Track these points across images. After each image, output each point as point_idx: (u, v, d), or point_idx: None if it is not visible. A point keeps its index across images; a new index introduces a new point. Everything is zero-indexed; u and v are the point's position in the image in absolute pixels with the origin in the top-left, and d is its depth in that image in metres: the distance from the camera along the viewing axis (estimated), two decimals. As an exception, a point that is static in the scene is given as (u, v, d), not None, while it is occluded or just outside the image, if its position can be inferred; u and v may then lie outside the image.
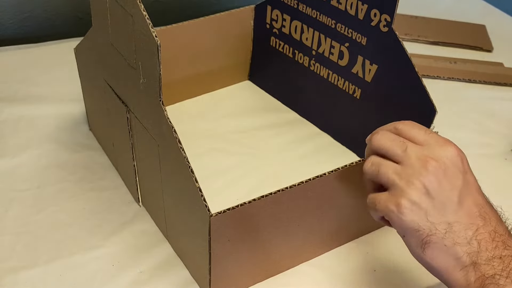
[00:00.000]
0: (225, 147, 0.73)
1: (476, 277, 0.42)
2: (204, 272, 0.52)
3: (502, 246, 0.42)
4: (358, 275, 0.59)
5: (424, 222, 0.43)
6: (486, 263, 0.42)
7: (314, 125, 0.78)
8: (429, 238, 0.42)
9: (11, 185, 0.66)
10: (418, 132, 0.46)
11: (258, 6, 0.78)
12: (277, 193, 0.49)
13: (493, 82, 0.91)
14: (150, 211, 0.63)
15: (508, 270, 0.41)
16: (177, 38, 0.73)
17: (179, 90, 0.79)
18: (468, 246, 0.42)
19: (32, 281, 0.56)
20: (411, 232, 0.43)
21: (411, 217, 0.43)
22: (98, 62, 0.61)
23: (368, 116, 0.69)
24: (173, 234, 0.59)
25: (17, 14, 0.93)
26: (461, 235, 0.42)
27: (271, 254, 0.56)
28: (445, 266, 0.43)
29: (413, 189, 0.43)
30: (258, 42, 0.82)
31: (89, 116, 0.74)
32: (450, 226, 0.42)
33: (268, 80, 0.84)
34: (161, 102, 0.48)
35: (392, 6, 0.60)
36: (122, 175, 0.68)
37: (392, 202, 0.44)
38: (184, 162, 0.47)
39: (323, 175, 0.51)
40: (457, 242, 0.42)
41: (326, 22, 0.69)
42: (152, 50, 0.46)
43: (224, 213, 0.47)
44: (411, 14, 1.07)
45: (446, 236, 0.42)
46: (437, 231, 0.42)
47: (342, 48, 0.68)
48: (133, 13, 0.47)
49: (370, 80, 0.67)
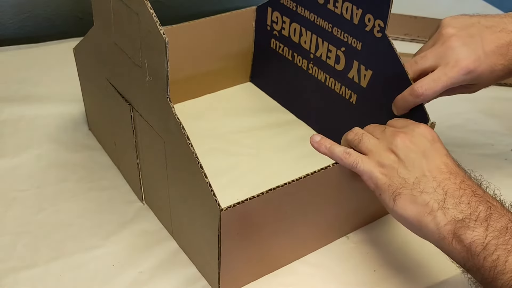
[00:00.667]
0: (224, 147, 0.73)
1: (446, 221, 0.45)
2: (213, 267, 0.53)
3: (470, 194, 0.46)
4: (358, 275, 0.59)
5: (396, 179, 0.49)
6: (454, 207, 0.46)
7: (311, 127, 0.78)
8: (399, 191, 0.48)
9: (11, 185, 0.66)
10: (399, 121, 0.56)
11: (259, 8, 0.78)
12: (284, 187, 0.50)
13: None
14: (154, 209, 0.63)
15: (476, 214, 0.45)
16: (179, 39, 0.74)
17: (180, 91, 0.79)
18: (435, 194, 0.47)
19: (32, 281, 0.56)
20: (385, 188, 0.49)
21: (385, 176, 0.50)
22: (100, 62, 0.62)
23: (364, 122, 0.68)
24: (179, 231, 0.59)
25: (17, 14, 0.93)
26: (428, 185, 0.47)
27: (277, 247, 0.56)
28: (416, 214, 0.47)
29: (386, 155, 0.51)
30: (259, 44, 0.82)
31: (89, 116, 0.74)
32: (418, 179, 0.48)
33: (269, 82, 0.84)
34: (168, 99, 0.48)
35: (385, 11, 0.59)
36: (124, 174, 0.68)
37: (370, 165, 0.51)
38: (193, 158, 0.47)
39: (327, 167, 0.53)
40: (424, 191, 0.47)
41: (323, 25, 0.69)
42: (160, 48, 0.46)
43: (234, 207, 0.47)
44: (411, 14, 1.07)
45: (414, 187, 0.48)
46: (406, 184, 0.48)
47: (339, 52, 0.68)
48: (138, 11, 0.47)
49: (366, 86, 0.66)
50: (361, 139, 0.53)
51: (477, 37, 0.57)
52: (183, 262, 0.59)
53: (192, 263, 0.58)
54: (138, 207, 0.64)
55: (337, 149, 0.53)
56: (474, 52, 0.56)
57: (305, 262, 0.60)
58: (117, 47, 0.55)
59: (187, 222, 0.56)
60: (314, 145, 0.55)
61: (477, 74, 0.56)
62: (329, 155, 0.54)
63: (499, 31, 0.57)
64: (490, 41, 0.56)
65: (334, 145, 0.54)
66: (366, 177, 0.51)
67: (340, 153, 0.53)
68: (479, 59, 0.56)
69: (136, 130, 0.59)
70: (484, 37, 0.57)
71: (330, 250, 0.61)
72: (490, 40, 0.56)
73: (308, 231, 0.58)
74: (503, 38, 0.56)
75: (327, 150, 0.54)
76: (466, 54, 0.56)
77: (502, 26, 0.58)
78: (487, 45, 0.56)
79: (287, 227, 0.55)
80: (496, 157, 0.76)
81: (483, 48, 0.56)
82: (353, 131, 0.55)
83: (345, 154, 0.52)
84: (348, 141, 0.55)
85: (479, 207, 0.45)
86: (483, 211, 0.45)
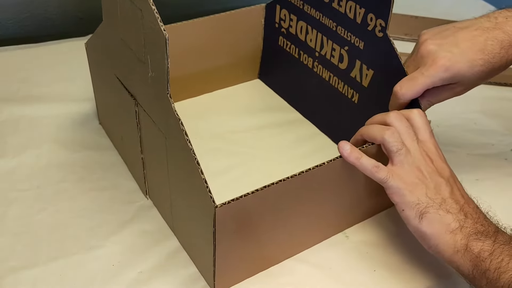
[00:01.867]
0: (228, 146, 0.74)
1: (463, 237, 0.50)
2: (209, 264, 0.53)
3: (483, 217, 0.52)
4: (358, 275, 0.59)
5: (423, 198, 0.52)
6: (471, 227, 0.51)
7: (315, 126, 0.78)
8: (426, 209, 0.52)
9: (11, 185, 0.66)
10: (420, 132, 0.57)
11: (268, 5, 0.78)
12: (279, 183, 0.50)
13: (493, 82, 0.91)
14: (157, 204, 0.64)
15: (487, 231, 0.50)
16: (188, 35, 0.74)
17: (189, 87, 0.80)
18: (458, 214, 0.51)
19: (32, 281, 0.56)
20: (412, 206, 0.52)
21: (413, 194, 0.52)
22: (108, 57, 0.62)
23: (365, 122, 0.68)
24: (179, 227, 0.59)
25: (17, 14, 0.93)
26: (453, 206, 0.52)
27: (274, 244, 0.56)
28: (437, 232, 0.51)
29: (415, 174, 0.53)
30: (267, 41, 0.82)
31: (99, 111, 0.75)
32: (444, 200, 0.52)
33: (276, 79, 0.84)
34: (168, 95, 0.49)
35: (386, 11, 0.60)
36: (130, 168, 0.68)
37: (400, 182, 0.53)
38: (190, 154, 0.48)
39: (322, 164, 0.53)
40: (450, 212, 0.52)
41: (328, 24, 0.69)
42: (161, 44, 0.46)
43: (229, 204, 0.48)
44: (411, 14, 1.07)
45: (441, 207, 0.52)
46: (434, 204, 0.52)
47: (342, 51, 0.68)
48: (142, 7, 0.48)
49: (367, 85, 0.66)
50: (400, 149, 0.54)
51: (451, 38, 0.58)
52: (183, 262, 0.59)
53: (192, 263, 0.59)
54: (138, 207, 0.64)
55: (367, 162, 0.54)
56: (449, 50, 0.57)
57: (305, 261, 0.60)
58: (123, 43, 0.56)
59: (186, 218, 0.56)
60: (343, 154, 0.55)
61: (456, 71, 0.56)
62: (358, 166, 0.54)
63: (474, 29, 0.58)
64: (464, 39, 0.57)
65: (364, 157, 0.54)
66: (392, 191, 0.53)
67: (370, 166, 0.53)
68: (454, 56, 0.56)
69: (140, 125, 0.59)
70: (458, 36, 0.58)
71: (330, 249, 0.61)
72: (464, 38, 0.57)
73: (304, 227, 0.58)
74: (479, 35, 0.57)
75: (356, 161, 0.54)
76: (441, 54, 0.57)
77: (477, 26, 0.58)
78: (462, 42, 0.57)
79: (283, 223, 0.55)
80: (496, 157, 0.76)
81: (458, 46, 0.57)
82: (392, 132, 0.55)
83: (375, 168, 0.53)
84: (387, 142, 0.54)
85: (490, 226, 0.51)
86: (492, 229, 0.51)
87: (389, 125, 0.56)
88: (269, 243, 0.56)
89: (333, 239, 0.63)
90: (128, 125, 0.62)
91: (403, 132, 0.55)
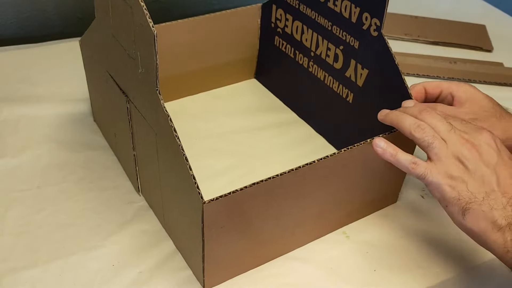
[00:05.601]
0: (224, 146, 0.73)
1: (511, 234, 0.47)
2: (198, 260, 0.53)
3: None
4: (358, 275, 0.59)
5: (465, 193, 0.49)
6: None
7: (310, 127, 0.78)
8: (468, 206, 0.49)
9: (11, 185, 0.66)
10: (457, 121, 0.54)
11: (264, 5, 0.78)
12: (268, 180, 0.50)
13: (493, 82, 0.91)
14: (149, 201, 0.64)
15: None
16: (184, 34, 0.74)
17: (185, 86, 0.80)
18: (504, 211, 0.48)
19: (32, 281, 0.56)
20: (453, 202, 0.49)
21: (453, 189, 0.49)
22: (101, 53, 0.63)
23: (360, 122, 0.68)
24: (170, 224, 0.60)
25: (17, 14, 0.93)
26: (497, 202, 0.48)
27: (263, 241, 0.56)
28: (484, 229, 0.48)
29: (455, 166, 0.50)
30: (264, 41, 0.82)
31: (93, 107, 0.75)
32: (487, 195, 0.49)
33: (272, 79, 0.84)
34: (157, 92, 0.49)
35: (381, 10, 0.59)
36: (123, 165, 0.68)
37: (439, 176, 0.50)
38: (179, 150, 0.48)
39: (312, 162, 0.52)
40: (494, 208, 0.48)
41: (323, 23, 0.69)
42: (150, 41, 0.47)
43: (217, 200, 0.48)
44: (411, 14, 1.08)
45: (484, 203, 0.48)
46: (476, 199, 0.49)
47: (337, 51, 0.68)
48: (132, 4, 0.48)
49: (362, 85, 0.66)
50: (432, 143, 0.51)
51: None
52: (182, 262, 0.59)
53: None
54: (138, 207, 0.64)
55: (403, 158, 0.52)
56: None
57: (305, 261, 0.60)
58: (115, 39, 0.56)
59: (176, 215, 0.56)
60: (378, 151, 0.53)
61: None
62: (395, 162, 0.53)
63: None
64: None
65: (399, 153, 0.53)
66: (432, 187, 0.51)
67: (407, 162, 0.52)
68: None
69: (132, 122, 0.59)
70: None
71: (330, 249, 0.61)
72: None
73: (296, 224, 0.58)
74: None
75: (392, 158, 0.53)
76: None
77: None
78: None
79: (274, 220, 0.55)
80: (496, 157, 0.76)
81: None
82: (420, 127, 0.52)
83: (413, 165, 0.51)
84: (417, 138, 0.52)
85: None
86: None
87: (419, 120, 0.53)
88: (260, 240, 0.56)
89: (333, 239, 0.63)
90: (121, 121, 0.62)
91: (435, 124, 0.52)
